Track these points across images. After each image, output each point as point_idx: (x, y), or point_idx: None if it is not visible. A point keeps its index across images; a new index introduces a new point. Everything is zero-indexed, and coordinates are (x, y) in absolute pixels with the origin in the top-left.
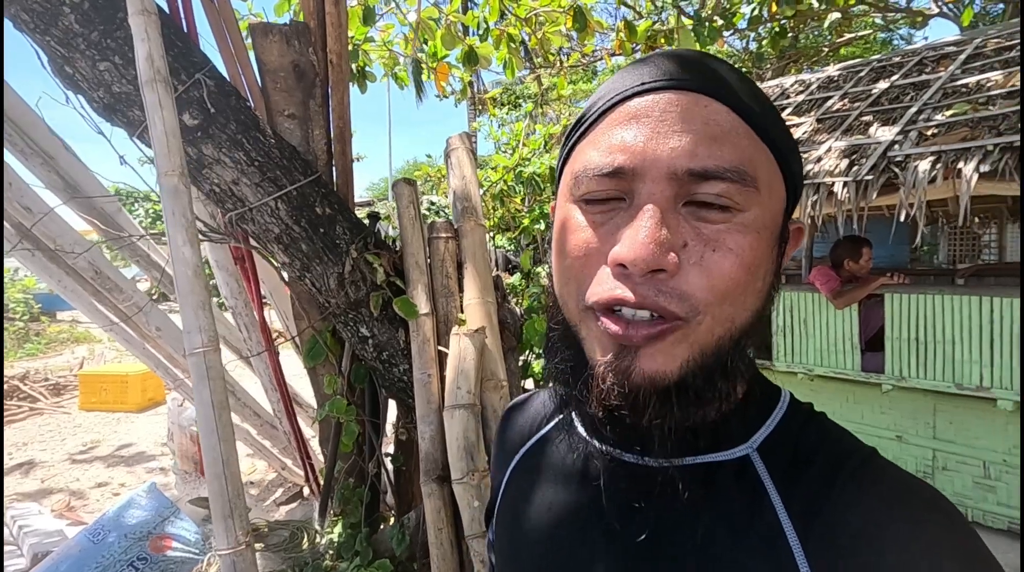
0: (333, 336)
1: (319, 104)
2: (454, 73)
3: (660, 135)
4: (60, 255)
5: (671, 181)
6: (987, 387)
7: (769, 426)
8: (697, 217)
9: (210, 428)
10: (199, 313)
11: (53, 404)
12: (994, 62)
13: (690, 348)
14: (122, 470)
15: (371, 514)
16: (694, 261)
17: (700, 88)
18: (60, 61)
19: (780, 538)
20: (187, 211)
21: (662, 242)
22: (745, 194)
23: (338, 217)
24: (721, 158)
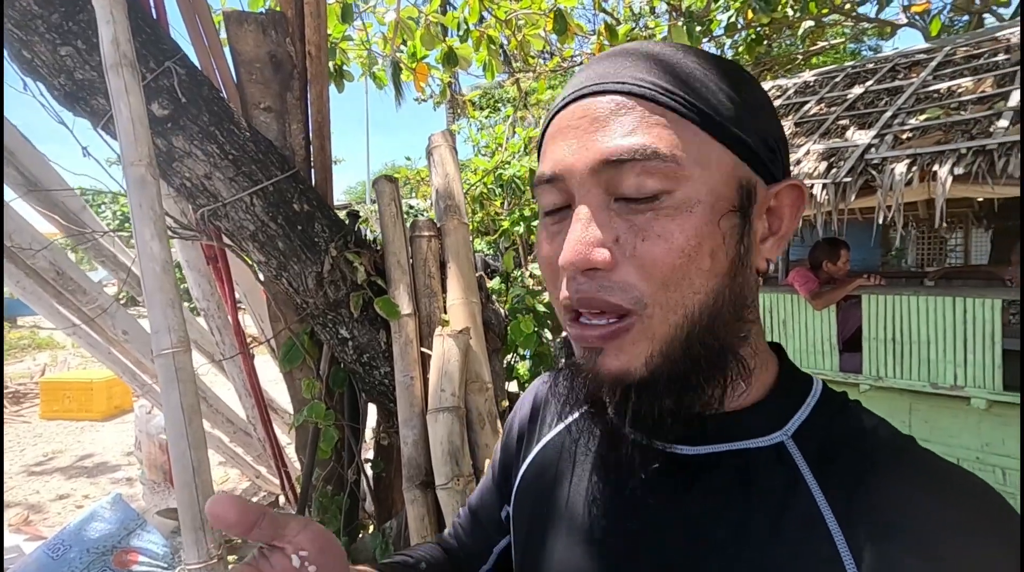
0: (311, 338)
1: (297, 97)
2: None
3: (579, 140)
4: (18, 254)
5: (594, 178)
6: (961, 386)
7: (803, 413)
8: (628, 210)
9: (180, 434)
10: (168, 312)
11: (12, 413)
12: (963, 69)
13: (651, 343)
14: (85, 481)
15: (350, 522)
16: (628, 253)
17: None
18: (17, 45)
19: (819, 523)
20: (155, 204)
21: (589, 241)
22: (667, 172)
23: (317, 214)
24: (632, 141)
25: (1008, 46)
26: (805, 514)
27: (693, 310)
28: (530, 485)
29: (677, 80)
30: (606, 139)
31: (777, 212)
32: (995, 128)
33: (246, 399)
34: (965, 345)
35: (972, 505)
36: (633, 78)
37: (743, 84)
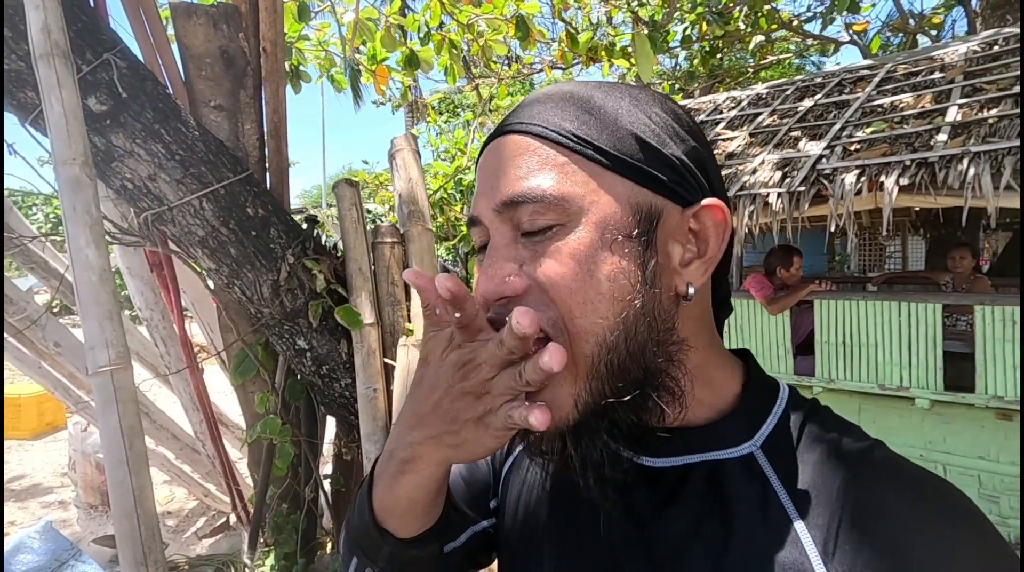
0: (265, 349)
1: (251, 96)
2: (394, 76)
3: (485, 182)
4: None
5: (500, 217)
6: (906, 387)
7: (771, 422)
8: (531, 242)
9: (118, 459)
10: (105, 325)
11: None
12: (904, 85)
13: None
14: (12, 506)
15: (307, 542)
16: (531, 277)
17: (517, 129)
18: None
19: (790, 533)
20: (91, 206)
21: (498, 273)
22: (556, 209)
23: (272, 219)
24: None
25: (943, 65)
26: (777, 525)
27: (604, 336)
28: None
29: (579, 117)
30: (505, 182)
31: (701, 234)
32: (935, 142)
33: (194, 414)
34: (909, 348)
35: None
36: (535, 119)
37: (651, 112)
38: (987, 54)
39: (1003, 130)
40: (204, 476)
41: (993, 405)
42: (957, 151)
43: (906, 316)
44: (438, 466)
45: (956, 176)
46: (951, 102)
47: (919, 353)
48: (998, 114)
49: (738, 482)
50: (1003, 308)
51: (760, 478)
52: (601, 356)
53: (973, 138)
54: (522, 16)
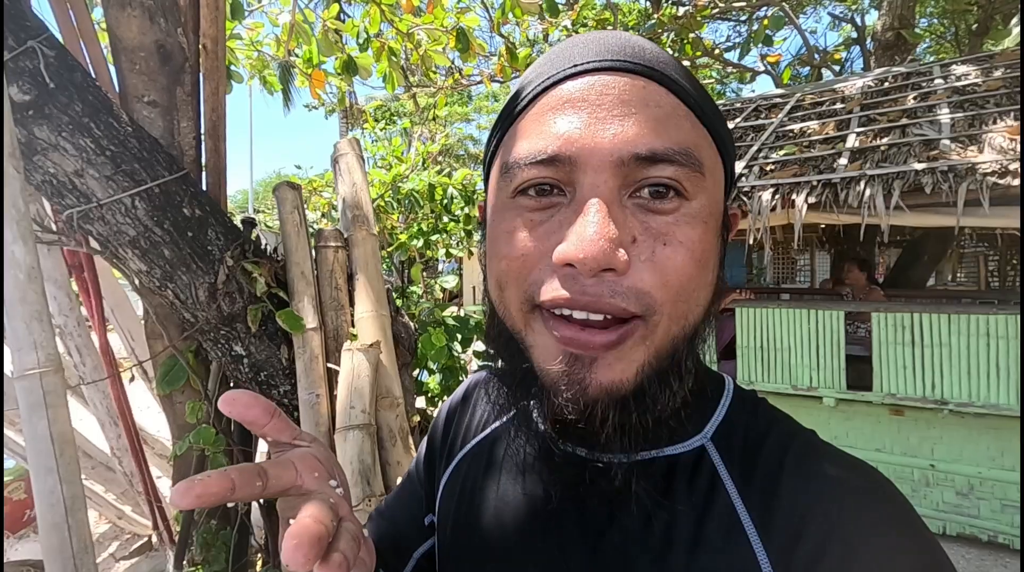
0: (196, 357)
1: (188, 93)
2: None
3: (600, 121)
4: None
5: (616, 169)
6: (815, 387)
7: (719, 415)
8: (645, 209)
9: (48, 467)
10: (33, 326)
11: None
12: (811, 113)
13: (647, 351)
14: None
15: (239, 559)
16: (645, 257)
17: (636, 69)
18: None
19: (737, 526)
20: (18, 201)
21: (612, 239)
22: (693, 180)
23: (210, 220)
24: (669, 140)
25: (844, 96)
26: (724, 518)
27: (691, 323)
28: (455, 489)
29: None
30: (638, 129)
31: None
32: (837, 165)
33: (111, 428)
34: (817, 351)
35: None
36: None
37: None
38: (879, 89)
39: (893, 156)
40: (119, 496)
41: (888, 402)
42: (856, 173)
43: (814, 323)
44: None
45: (855, 196)
46: (850, 130)
47: (825, 356)
48: (889, 142)
49: (689, 476)
50: (896, 314)
51: (710, 471)
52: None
53: (869, 162)
54: (462, 29)
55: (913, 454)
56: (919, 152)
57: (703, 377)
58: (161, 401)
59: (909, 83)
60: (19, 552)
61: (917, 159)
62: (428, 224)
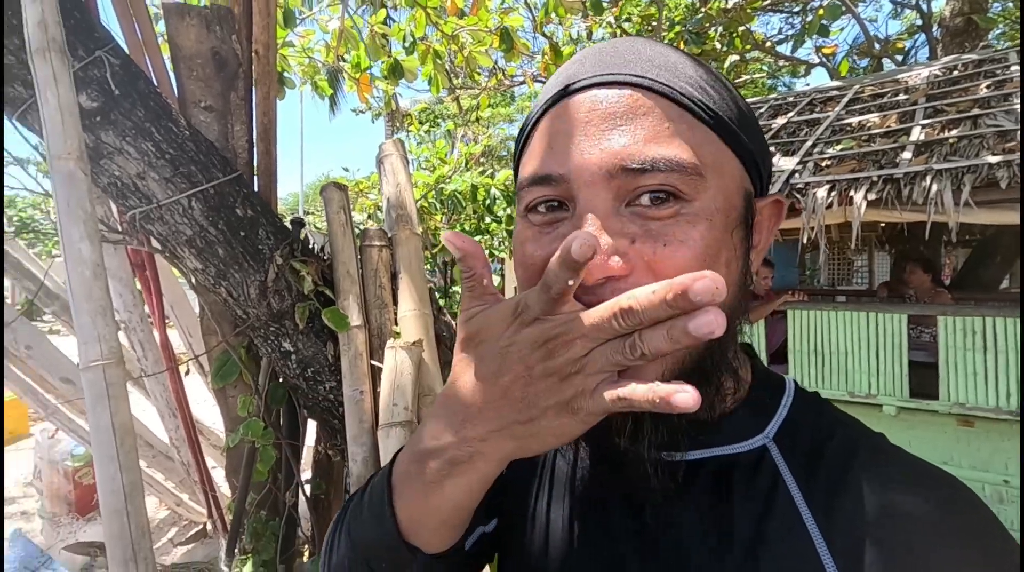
0: (248, 352)
1: (241, 98)
2: (378, 85)
3: (589, 138)
4: None
5: (607, 183)
6: (874, 394)
7: (780, 415)
8: (643, 215)
9: (109, 456)
10: (98, 320)
11: None
12: (871, 106)
13: (661, 362)
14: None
15: (287, 549)
16: (647, 259)
17: (625, 80)
18: None
19: (800, 527)
20: (85, 202)
21: (605, 250)
22: (689, 183)
23: (261, 220)
24: (657, 149)
25: (907, 87)
26: (787, 518)
27: None
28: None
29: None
30: (625, 142)
31: (758, 226)
32: (900, 159)
33: (170, 419)
34: (877, 357)
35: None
36: (647, 72)
37: (736, 94)
38: (948, 78)
39: (963, 149)
40: (178, 485)
41: (955, 412)
42: (921, 168)
43: (873, 326)
44: (499, 464)
45: (920, 192)
46: (915, 122)
47: (886, 362)
48: (958, 134)
49: (749, 476)
50: (964, 318)
51: (771, 471)
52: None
53: (935, 156)
54: (506, 29)
55: (984, 468)
56: (993, 144)
57: (762, 377)
58: (215, 394)
59: (981, 71)
60: (87, 534)
61: (991, 151)
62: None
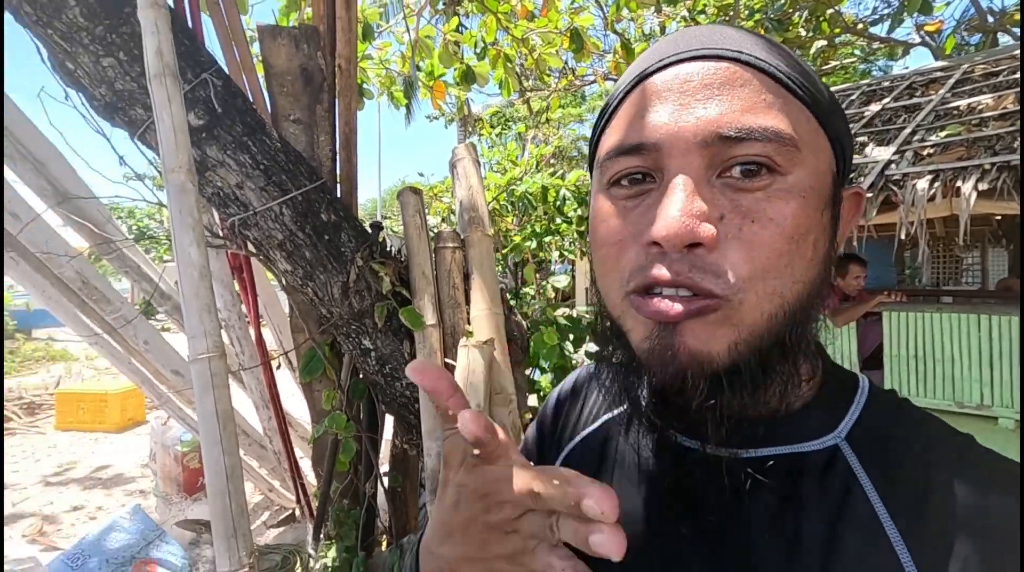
0: (332, 349)
1: (325, 110)
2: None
3: (684, 107)
4: (46, 264)
5: (701, 151)
6: (988, 405)
7: (854, 413)
8: (734, 188)
9: (214, 440)
10: (204, 317)
11: (27, 424)
12: (983, 86)
13: (736, 330)
14: (99, 493)
15: (367, 537)
16: (732, 234)
17: (719, 55)
18: (62, 56)
19: (878, 531)
20: (194, 210)
21: (695, 214)
22: (785, 154)
23: (343, 224)
24: (756, 118)
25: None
26: (863, 521)
27: (789, 300)
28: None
29: (781, 58)
30: (722, 110)
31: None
32: (1019, 144)
33: (263, 411)
34: (991, 364)
35: None
36: (743, 48)
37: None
38: None
39: None
40: (270, 472)
41: None
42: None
43: (987, 330)
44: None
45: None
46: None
47: (1003, 370)
48: None
49: (820, 477)
50: None
51: (845, 472)
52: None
53: None
54: (576, 29)
55: None
56: None
57: (833, 374)
58: (302, 389)
59: None
60: (193, 512)
61: None
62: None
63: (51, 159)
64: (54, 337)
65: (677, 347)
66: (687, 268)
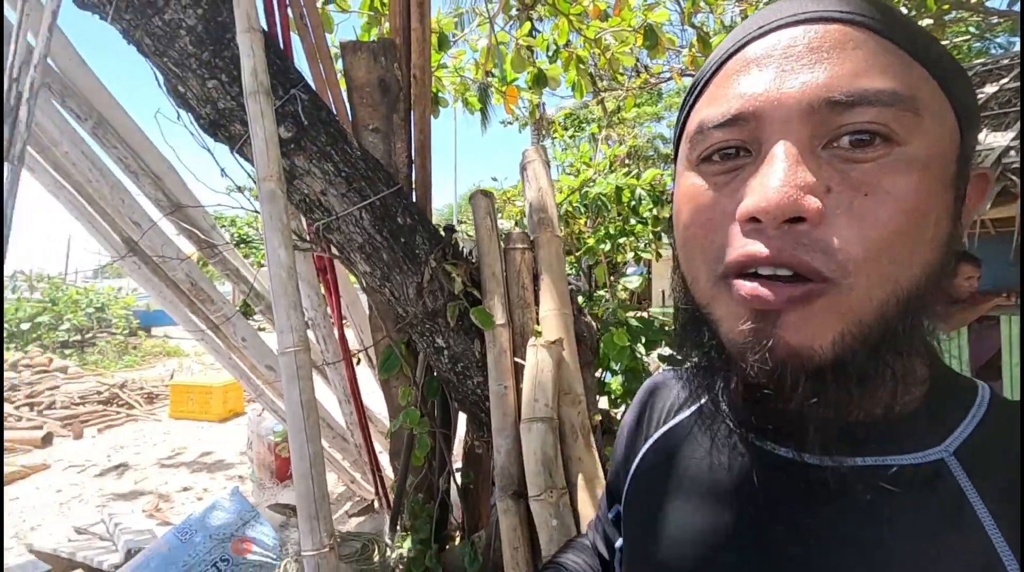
0: (408, 348)
1: (401, 118)
2: (523, 96)
3: (787, 73)
4: (162, 267)
5: (806, 118)
6: None
7: (968, 426)
8: (844, 159)
9: (298, 427)
10: (291, 313)
11: (146, 411)
12: None
13: (843, 319)
14: (204, 476)
15: (440, 531)
16: (841, 210)
17: (827, 16)
18: (174, 81)
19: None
20: (283, 215)
21: (799, 185)
22: (904, 121)
23: (418, 227)
24: (871, 80)
25: None
26: (977, 552)
27: (905, 286)
28: (640, 486)
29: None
30: (831, 74)
31: None
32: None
33: (346, 405)
34: None
35: None
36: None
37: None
38: None
39: None
40: (352, 464)
41: None
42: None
43: None
44: None
45: None
46: None
47: None
48: None
49: (923, 494)
50: None
51: (953, 492)
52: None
53: None
54: (651, 26)
55: None
56: None
57: (945, 378)
58: (381, 385)
59: None
60: (284, 497)
61: None
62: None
63: (166, 174)
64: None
65: (776, 338)
66: (790, 244)
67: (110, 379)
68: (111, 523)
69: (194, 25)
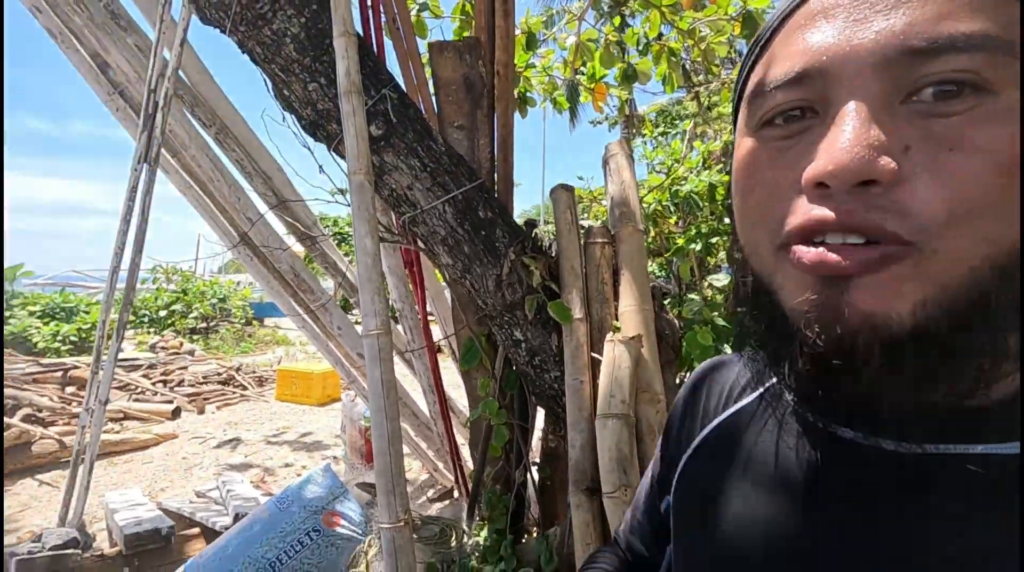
0: (488, 340)
1: (485, 115)
2: (612, 92)
3: (858, 22)
4: (269, 259)
5: (881, 72)
6: None
7: None
8: (926, 113)
9: (379, 406)
10: (375, 298)
11: (257, 393)
12: None
13: (925, 285)
14: (303, 454)
15: (516, 523)
16: (924, 166)
17: None
18: (280, 86)
19: None
20: (370, 206)
21: (871, 144)
22: (996, 67)
23: (498, 221)
24: (954, 25)
25: None
26: None
27: (1003, 249)
28: (699, 474)
29: None
30: (911, 19)
31: None
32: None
33: (429, 395)
34: None
35: None
36: None
37: None
38: None
39: None
40: (435, 453)
41: None
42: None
43: None
44: None
45: None
46: None
47: None
48: None
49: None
50: None
51: None
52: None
53: None
54: (750, 12)
55: None
56: None
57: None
58: (462, 376)
59: None
60: (371, 478)
61: None
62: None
63: (275, 173)
64: (279, 325)
65: (845, 306)
66: (862, 208)
67: (228, 362)
68: (224, 489)
69: (297, 33)
